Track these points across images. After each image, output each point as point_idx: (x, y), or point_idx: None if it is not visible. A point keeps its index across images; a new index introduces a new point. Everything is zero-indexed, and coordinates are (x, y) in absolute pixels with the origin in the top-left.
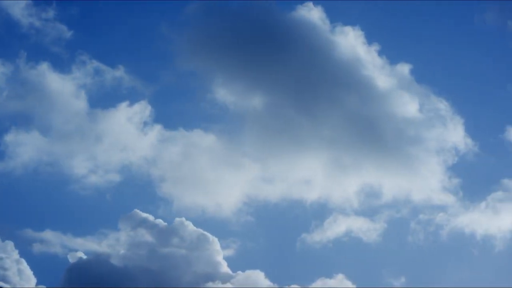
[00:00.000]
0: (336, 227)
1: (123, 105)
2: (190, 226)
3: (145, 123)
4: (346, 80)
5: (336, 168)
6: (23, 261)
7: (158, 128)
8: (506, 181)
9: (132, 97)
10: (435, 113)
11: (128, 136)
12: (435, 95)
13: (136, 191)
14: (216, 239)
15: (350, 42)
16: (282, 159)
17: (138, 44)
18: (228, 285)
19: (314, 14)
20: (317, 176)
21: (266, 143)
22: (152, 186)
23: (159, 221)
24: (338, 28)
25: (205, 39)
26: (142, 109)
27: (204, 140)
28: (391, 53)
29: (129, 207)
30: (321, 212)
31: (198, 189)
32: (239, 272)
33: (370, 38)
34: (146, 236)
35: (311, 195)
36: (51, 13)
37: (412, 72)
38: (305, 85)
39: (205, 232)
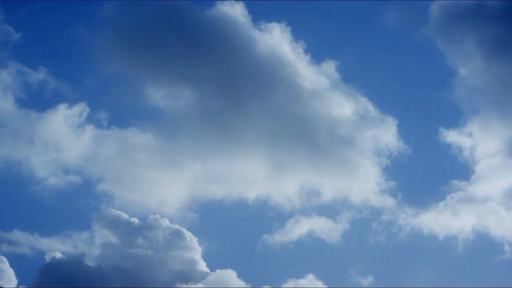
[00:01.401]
0: (292, 228)
1: (50, 108)
2: (166, 222)
3: (78, 124)
4: (271, 78)
5: (275, 167)
6: None
7: (91, 128)
8: (442, 183)
9: (58, 99)
10: (366, 114)
11: (61, 137)
12: (364, 95)
13: (78, 192)
14: (192, 235)
15: (276, 39)
16: (221, 157)
17: (59, 45)
18: (200, 285)
19: (236, 11)
20: (258, 175)
21: (203, 141)
22: (92, 185)
23: (134, 219)
24: (262, 25)
25: (127, 38)
26: (72, 111)
27: (140, 138)
28: (318, 52)
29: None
30: (263, 211)
31: (138, 188)
32: (211, 271)
33: (296, 36)
34: (119, 235)
35: (252, 194)
36: None
37: (340, 71)
38: (232, 82)
39: (182, 228)
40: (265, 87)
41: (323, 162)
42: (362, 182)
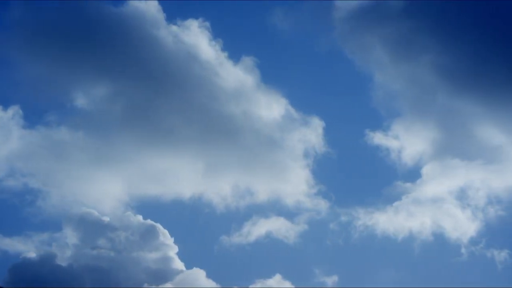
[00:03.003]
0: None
1: None
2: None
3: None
4: (189, 75)
5: (208, 166)
6: None
7: (18, 127)
8: (372, 185)
9: None
10: (291, 115)
11: None
12: (286, 97)
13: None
14: (166, 231)
15: (193, 36)
16: (156, 157)
17: None
18: (168, 284)
19: (151, 8)
20: (192, 174)
21: (135, 140)
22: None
23: (105, 218)
24: (179, 22)
25: (42, 39)
26: None
27: (72, 137)
28: (236, 50)
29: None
30: (199, 209)
31: (72, 186)
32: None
33: (214, 34)
34: (91, 234)
35: (188, 193)
36: None
37: (261, 71)
38: (151, 80)
39: (156, 224)
40: (183, 85)
41: (252, 163)
42: (293, 184)
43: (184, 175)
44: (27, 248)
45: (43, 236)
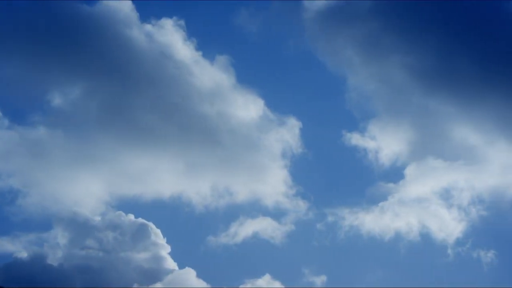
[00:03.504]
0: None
1: None
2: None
3: None
4: (164, 74)
5: (188, 166)
6: None
7: None
8: (351, 185)
9: None
10: (267, 116)
11: None
12: (261, 97)
13: None
14: (158, 231)
15: (168, 35)
16: (136, 156)
17: None
18: (158, 284)
19: (124, 7)
20: (172, 174)
21: (114, 139)
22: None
23: (96, 218)
24: (153, 21)
25: (13, 39)
26: None
27: (51, 137)
28: (210, 49)
29: None
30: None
31: (56, 186)
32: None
33: (189, 33)
34: (81, 234)
35: (168, 192)
36: None
37: (236, 71)
38: (126, 79)
39: (148, 222)
40: (158, 84)
41: (230, 163)
42: (271, 184)
43: (164, 174)
44: (16, 248)
45: (30, 236)
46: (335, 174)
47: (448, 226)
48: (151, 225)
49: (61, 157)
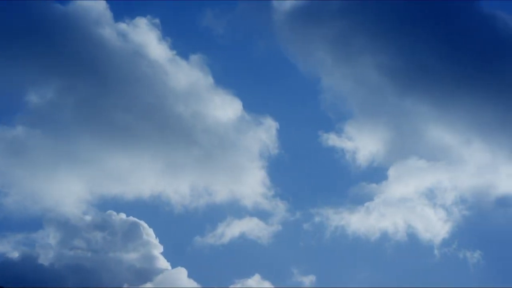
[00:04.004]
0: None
1: None
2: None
3: None
4: (136, 74)
5: (168, 166)
6: None
7: None
8: (331, 186)
9: None
10: (246, 117)
11: None
12: (237, 96)
13: None
14: (151, 231)
15: (142, 35)
16: (114, 155)
17: None
18: (148, 284)
19: (98, 7)
20: (151, 173)
21: (91, 138)
22: None
23: (87, 217)
24: (127, 21)
25: None
26: None
27: (29, 136)
28: (185, 49)
29: None
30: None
31: (36, 186)
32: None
33: (164, 32)
34: (72, 233)
35: (148, 191)
36: None
37: (212, 71)
38: (98, 78)
39: (140, 221)
40: (132, 83)
41: (208, 164)
42: (250, 185)
43: (144, 174)
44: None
45: (18, 237)
46: (313, 174)
47: (434, 226)
48: (143, 223)
49: (40, 156)
